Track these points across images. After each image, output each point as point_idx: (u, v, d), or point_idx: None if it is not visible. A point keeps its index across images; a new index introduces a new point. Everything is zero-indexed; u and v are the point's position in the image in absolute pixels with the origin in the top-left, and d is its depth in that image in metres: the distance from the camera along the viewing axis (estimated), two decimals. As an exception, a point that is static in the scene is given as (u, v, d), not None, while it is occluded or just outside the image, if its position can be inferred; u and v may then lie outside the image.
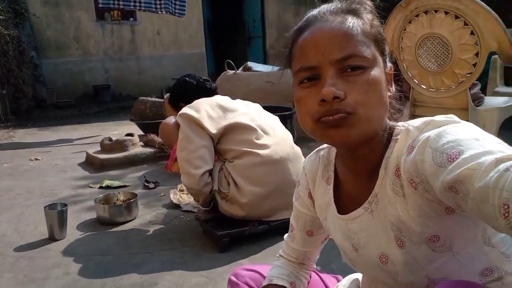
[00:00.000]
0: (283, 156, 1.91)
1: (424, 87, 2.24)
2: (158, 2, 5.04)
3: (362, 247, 0.78)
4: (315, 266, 1.07)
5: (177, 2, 5.17)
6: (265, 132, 1.93)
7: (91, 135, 4.77)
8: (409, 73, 2.30)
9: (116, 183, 2.85)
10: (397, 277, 0.74)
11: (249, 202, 1.84)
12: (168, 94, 2.27)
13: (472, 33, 1.95)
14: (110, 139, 3.48)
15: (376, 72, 0.67)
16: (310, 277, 1.05)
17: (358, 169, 0.76)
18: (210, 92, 2.12)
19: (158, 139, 3.53)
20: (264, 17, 8.74)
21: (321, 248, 1.03)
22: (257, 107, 2.09)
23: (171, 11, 5.15)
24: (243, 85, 3.80)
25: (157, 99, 4.37)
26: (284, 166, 1.90)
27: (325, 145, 0.91)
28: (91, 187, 2.84)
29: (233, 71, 3.97)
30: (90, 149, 3.58)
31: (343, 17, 0.69)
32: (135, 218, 2.23)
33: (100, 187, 2.80)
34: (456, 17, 1.97)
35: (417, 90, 2.29)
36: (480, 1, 1.89)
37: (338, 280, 1.10)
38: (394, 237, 0.70)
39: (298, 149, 2.01)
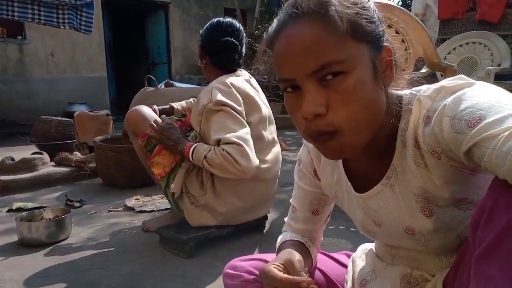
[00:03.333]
0: (273, 176, 1.82)
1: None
2: (61, 16, 4.63)
3: (384, 223, 0.77)
4: (319, 247, 1.03)
5: (83, 18, 4.82)
6: (268, 146, 1.80)
7: (-24, 162, 4.02)
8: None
9: (30, 204, 2.41)
10: (428, 244, 0.74)
11: (226, 212, 1.71)
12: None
13: (402, 40, 2.19)
14: (13, 159, 2.98)
15: (359, 73, 0.61)
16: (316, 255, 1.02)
17: (371, 146, 0.73)
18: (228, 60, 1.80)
19: (73, 157, 3.14)
20: (169, 43, 8.65)
21: (324, 227, 1.00)
22: (270, 110, 1.90)
23: (75, 26, 4.76)
24: (167, 101, 3.62)
25: (63, 118, 3.93)
26: (270, 186, 1.83)
27: None
28: (-4, 211, 2.36)
29: (155, 87, 3.78)
30: (-16, 173, 3.00)
31: (309, 19, 0.61)
32: (67, 238, 1.90)
33: (10, 210, 2.34)
34: (389, 26, 2.20)
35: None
36: (409, 12, 2.15)
37: (348, 256, 1.08)
38: (420, 208, 0.70)
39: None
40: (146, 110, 1.86)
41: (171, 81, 3.95)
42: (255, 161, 1.57)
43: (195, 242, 1.66)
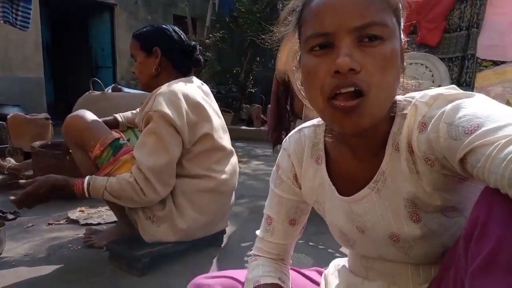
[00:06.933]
0: (231, 188, 1.75)
1: (317, 104, 2.45)
2: (-5, 9, 4.24)
3: (368, 229, 0.76)
4: (291, 262, 1.00)
5: (20, 13, 4.45)
6: (227, 156, 1.72)
7: None
8: (302, 92, 2.47)
9: (-47, 217, 2.13)
10: (411, 252, 0.73)
11: (187, 229, 1.61)
12: (136, 36, 1.71)
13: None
14: None
15: (394, 45, 0.62)
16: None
17: (362, 147, 0.73)
18: (192, 62, 1.75)
19: (6, 163, 2.85)
20: (114, 46, 8.28)
21: (297, 239, 0.97)
22: (222, 118, 1.80)
23: (11, 21, 4.38)
24: (114, 107, 3.43)
25: (-6, 121, 3.59)
26: (228, 198, 1.75)
27: (308, 123, 0.88)
28: None
29: (101, 91, 3.57)
30: None
31: None
32: (0, 254, 1.69)
33: None
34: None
35: (309, 107, 2.48)
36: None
37: (319, 272, 1.06)
38: (408, 214, 0.70)
39: None
40: (90, 115, 1.68)
41: (119, 86, 3.75)
42: (162, 193, 1.53)
43: (149, 259, 1.55)
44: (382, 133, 0.70)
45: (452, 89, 0.63)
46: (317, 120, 0.86)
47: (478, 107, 0.55)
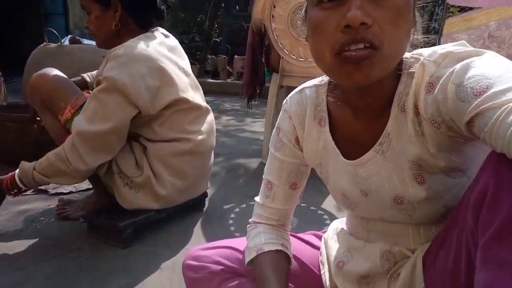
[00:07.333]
0: (210, 148, 1.67)
1: (294, 56, 2.34)
2: None
3: (373, 192, 0.74)
4: (290, 227, 0.98)
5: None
6: (202, 115, 1.63)
7: None
8: (279, 43, 2.35)
9: None
10: (414, 213, 0.72)
11: (168, 196, 1.53)
12: None
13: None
14: None
15: None
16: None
17: (367, 107, 0.71)
18: (155, 14, 1.56)
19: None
20: (64, -9, 7.55)
21: (296, 204, 0.94)
22: (191, 74, 1.66)
23: None
24: (75, 61, 3.17)
25: None
26: (207, 159, 1.67)
27: (309, 83, 0.84)
28: None
29: (58, 44, 3.26)
30: None
31: None
32: (-36, 232, 1.56)
33: None
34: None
35: (286, 60, 2.37)
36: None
37: (317, 236, 1.05)
38: (413, 176, 0.68)
39: None
40: (58, 73, 1.53)
41: (78, 37, 3.43)
42: (91, 163, 1.38)
43: (133, 229, 1.48)
44: (388, 92, 0.68)
45: (462, 46, 0.61)
46: (318, 80, 0.83)
47: (488, 67, 0.53)
